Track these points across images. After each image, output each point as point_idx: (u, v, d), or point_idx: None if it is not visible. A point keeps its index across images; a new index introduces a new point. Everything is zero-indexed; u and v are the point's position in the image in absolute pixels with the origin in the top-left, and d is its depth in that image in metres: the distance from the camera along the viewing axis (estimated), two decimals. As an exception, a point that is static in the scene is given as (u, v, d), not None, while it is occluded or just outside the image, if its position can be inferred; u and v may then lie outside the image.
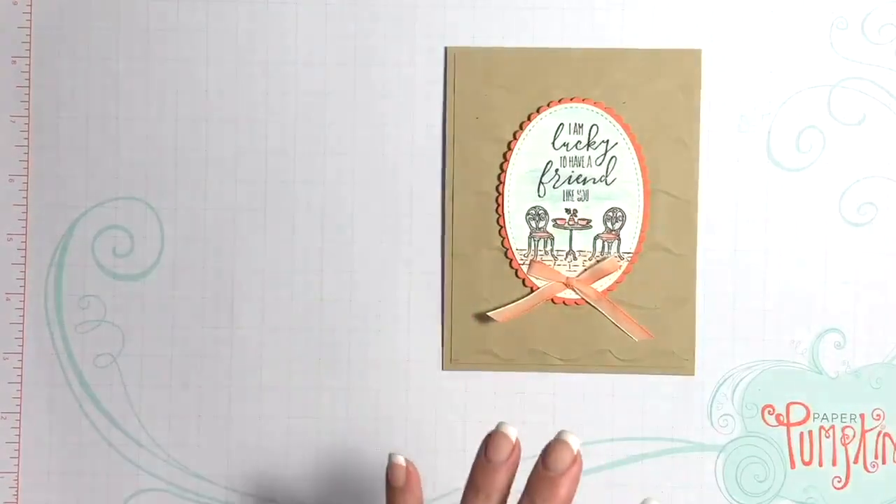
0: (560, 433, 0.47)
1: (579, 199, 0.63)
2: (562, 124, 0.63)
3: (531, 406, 0.63)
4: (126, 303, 0.64)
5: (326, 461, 0.64)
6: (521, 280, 0.63)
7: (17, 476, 0.64)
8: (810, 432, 0.63)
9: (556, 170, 0.63)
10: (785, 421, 0.63)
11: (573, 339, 0.63)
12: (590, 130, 0.63)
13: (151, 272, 0.64)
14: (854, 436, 0.63)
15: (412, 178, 0.64)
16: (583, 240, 0.63)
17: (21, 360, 0.64)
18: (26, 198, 0.64)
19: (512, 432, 0.48)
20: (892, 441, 0.63)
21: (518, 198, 0.63)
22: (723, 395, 0.63)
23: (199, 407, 0.64)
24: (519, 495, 0.47)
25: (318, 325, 0.64)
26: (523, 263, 0.63)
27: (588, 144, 0.63)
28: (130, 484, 0.64)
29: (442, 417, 0.64)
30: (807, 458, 0.63)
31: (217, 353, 0.64)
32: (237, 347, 0.64)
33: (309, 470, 0.64)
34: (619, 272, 0.63)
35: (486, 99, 0.63)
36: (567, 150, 0.63)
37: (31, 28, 0.64)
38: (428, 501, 0.63)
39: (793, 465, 0.63)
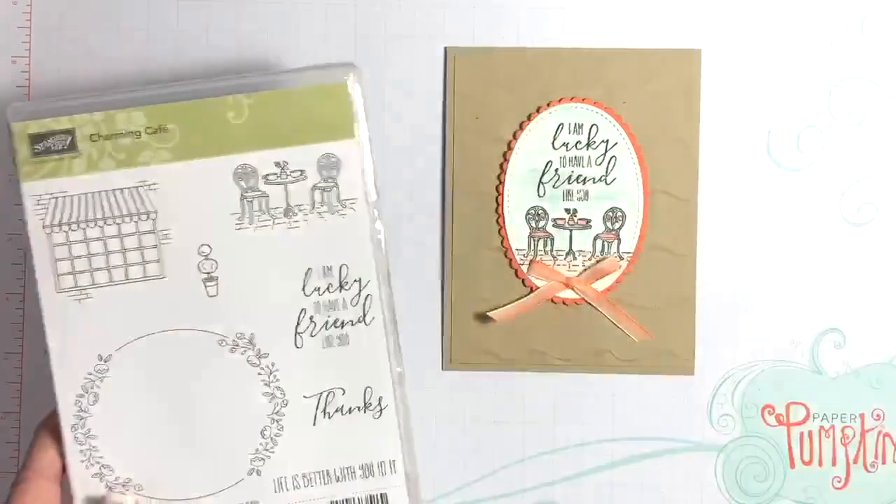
0: None
1: (579, 199, 0.63)
2: (562, 124, 0.63)
3: (531, 406, 0.63)
4: (126, 303, 0.64)
5: (326, 461, 0.64)
6: (520, 280, 0.63)
7: (17, 476, 0.64)
8: (810, 432, 0.63)
9: (556, 170, 0.63)
10: (785, 421, 0.63)
11: (573, 339, 0.63)
12: (590, 130, 0.63)
13: (151, 272, 0.64)
14: (854, 436, 0.63)
15: (412, 178, 0.64)
16: (583, 240, 0.63)
17: (21, 360, 0.64)
18: (26, 198, 0.64)
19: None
20: (892, 441, 0.63)
21: (518, 198, 0.63)
22: (723, 395, 0.63)
23: (199, 407, 0.64)
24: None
25: (318, 325, 0.64)
26: (523, 263, 0.63)
27: (588, 144, 0.63)
28: (130, 484, 0.64)
29: (442, 417, 0.64)
30: (807, 458, 0.63)
31: (217, 353, 0.64)
32: (237, 347, 0.64)
33: (309, 470, 0.64)
34: (619, 272, 0.63)
35: (486, 99, 0.63)
36: (567, 150, 0.63)
37: (31, 28, 0.64)
38: (428, 501, 0.63)
39: (792, 465, 0.63)
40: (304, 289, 0.55)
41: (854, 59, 0.63)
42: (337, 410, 0.55)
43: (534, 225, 0.63)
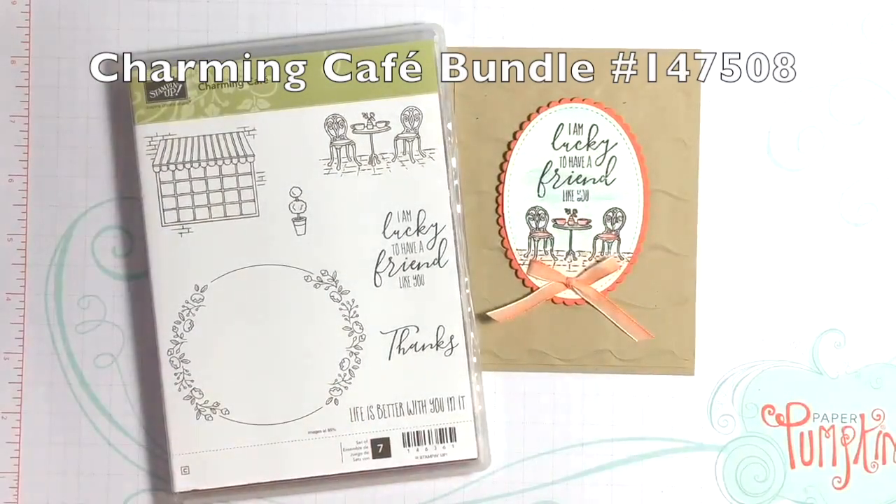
0: None
1: (579, 200, 0.63)
2: (562, 124, 0.63)
3: (531, 406, 0.63)
4: (126, 303, 0.64)
5: (326, 461, 0.64)
6: (521, 280, 0.63)
7: (17, 476, 0.64)
8: (810, 432, 0.63)
9: (556, 170, 0.63)
10: (785, 421, 0.63)
11: (573, 339, 0.63)
12: (590, 130, 0.63)
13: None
14: (854, 436, 0.63)
15: (412, 178, 0.64)
16: (583, 240, 0.63)
17: (21, 360, 0.64)
18: (26, 198, 0.64)
19: None
20: (892, 441, 0.63)
21: (518, 198, 0.63)
22: (723, 395, 0.63)
23: (199, 407, 0.64)
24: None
25: (318, 325, 0.64)
26: (523, 263, 0.63)
27: (588, 144, 0.63)
28: (130, 484, 0.64)
29: (442, 417, 0.64)
30: (807, 459, 0.63)
31: (217, 353, 0.64)
32: (237, 347, 0.64)
33: (309, 470, 0.64)
34: (619, 272, 0.63)
35: (486, 99, 0.63)
36: (567, 150, 0.63)
37: (30, 28, 0.64)
38: (428, 501, 0.63)
39: (793, 466, 0.63)
40: (384, 231, 0.60)
41: (854, 59, 0.63)
42: (411, 347, 0.60)
43: (534, 225, 0.63)
